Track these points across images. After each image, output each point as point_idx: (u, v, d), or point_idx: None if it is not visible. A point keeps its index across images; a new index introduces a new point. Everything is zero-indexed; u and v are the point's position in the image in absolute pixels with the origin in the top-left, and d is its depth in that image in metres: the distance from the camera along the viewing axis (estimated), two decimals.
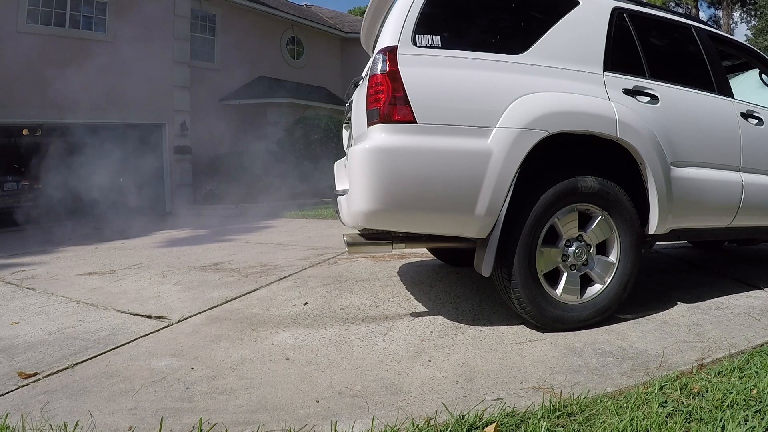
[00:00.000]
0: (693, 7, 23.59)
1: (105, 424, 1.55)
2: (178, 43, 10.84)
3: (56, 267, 4.37)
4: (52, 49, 9.04)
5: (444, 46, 2.13)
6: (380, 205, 2.02)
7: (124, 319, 2.68)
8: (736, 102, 2.76)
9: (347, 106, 3.05)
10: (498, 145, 2.05)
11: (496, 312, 2.57)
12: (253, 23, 12.84)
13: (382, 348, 2.14)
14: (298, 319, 2.58)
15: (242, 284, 3.38)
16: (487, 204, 2.06)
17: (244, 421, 1.55)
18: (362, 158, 2.02)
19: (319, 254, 4.47)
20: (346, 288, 3.18)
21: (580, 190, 2.22)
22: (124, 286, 3.48)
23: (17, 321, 2.70)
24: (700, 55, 2.74)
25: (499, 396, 1.67)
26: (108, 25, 9.85)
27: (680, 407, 1.52)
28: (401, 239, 2.27)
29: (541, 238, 2.21)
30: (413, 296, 2.93)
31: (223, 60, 12.39)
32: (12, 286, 3.63)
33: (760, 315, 2.44)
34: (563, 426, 1.45)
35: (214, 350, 2.17)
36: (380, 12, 2.63)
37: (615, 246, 2.35)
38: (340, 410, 1.61)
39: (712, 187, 2.56)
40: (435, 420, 1.50)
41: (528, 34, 2.28)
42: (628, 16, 2.51)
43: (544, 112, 2.12)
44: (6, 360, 2.13)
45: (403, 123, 2.00)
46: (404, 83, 2.01)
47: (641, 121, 2.31)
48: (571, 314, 2.27)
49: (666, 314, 2.48)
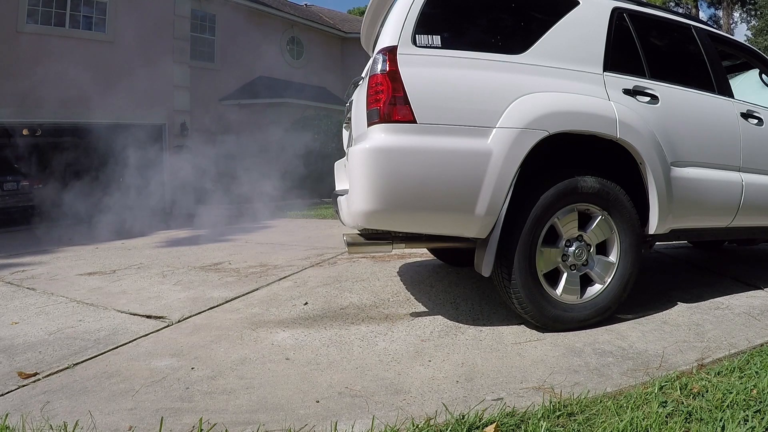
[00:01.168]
0: (693, 7, 23.60)
1: (105, 424, 1.55)
2: (178, 43, 10.84)
3: (56, 267, 4.37)
4: (52, 49, 9.04)
5: (444, 46, 2.13)
6: (380, 205, 2.02)
7: (124, 319, 2.68)
8: (736, 102, 2.76)
9: (347, 106, 3.05)
10: (498, 145, 2.05)
11: (496, 312, 2.57)
12: (253, 23, 12.84)
13: (382, 348, 2.14)
14: (298, 319, 2.58)
15: (242, 284, 3.38)
16: (487, 204, 2.05)
17: (244, 421, 1.55)
18: (362, 158, 2.02)
19: (319, 254, 4.47)
20: (346, 288, 3.18)
21: (580, 190, 2.22)
22: (124, 286, 3.48)
23: (17, 321, 2.70)
24: (700, 55, 2.74)
25: (499, 396, 1.67)
26: (108, 25, 9.86)
27: (680, 407, 1.52)
28: (401, 239, 2.27)
29: (541, 238, 2.21)
30: (413, 296, 2.93)
31: (223, 60, 12.39)
32: (12, 286, 3.63)
33: (760, 315, 2.44)
34: (563, 426, 1.45)
35: (214, 350, 2.17)
36: (380, 12, 2.63)
37: (615, 246, 2.35)
38: (340, 410, 1.61)
39: (712, 187, 2.56)
40: (435, 420, 1.50)
41: (528, 34, 2.28)
42: (628, 16, 2.51)
43: (544, 112, 2.12)
44: (6, 360, 2.13)
45: (403, 123, 2.00)
46: (404, 83, 2.01)
47: (641, 121, 2.31)
48: (571, 314, 2.27)
49: (666, 314, 2.48)
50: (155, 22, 10.12)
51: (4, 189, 9.22)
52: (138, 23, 9.77)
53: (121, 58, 9.51)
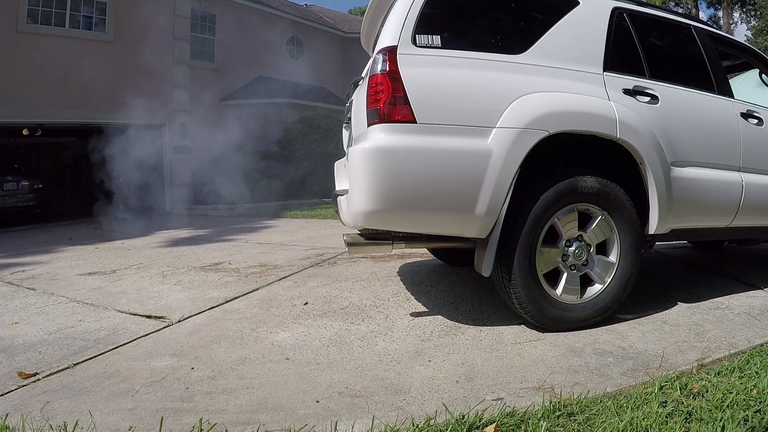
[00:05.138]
0: (693, 7, 23.58)
1: (105, 424, 1.55)
2: (178, 43, 10.84)
3: (56, 267, 4.37)
4: (52, 49, 9.04)
5: (444, 46, 2.13)
6: (380, 205, 2.02)
7: (124, 319, 2.68)
8: (736, 102, 2.76)
9: (347, 106, 3.05)
10: (498, 145, 2.05)
11: (496, 312, 2.57)
12: (253, 23, 12.84)
13: (382, 348, 2.14)
14: (298, 319, 2.58)
15: (242, 284, 3.38)
16: (487, 204, 2.05)
17: (244, 421, 1.55)
18: (362, 158, 2.02)
19: (319, 254, 4.47)
20: (346, 288, 3.18)
21: (580, 190, 2.22)
22: (124, 286, 3.48)
23: (17, 321, 2.70)
24: (700, 55, 2.74)
25: (499, 396, 1.67)
26: (108, 25, 9.86)
27: (680, 407, 1.52)
28: (401, 239, 2.27)
29: (541, 238, 2.21)
30: (413, 296, 2.93)
31: (223, 60, 12.40)
32: (12, 286, 3.63)
33: (760, 315, 2.44)
34: (563, 426, 1.45)
35: (214, 350, 2.17)
36: (380, 12, 2.63)
37: (615, 246, 2.35)
38: (340, 410, 1.61)
39: (712, 187, 2.56)
40: (435, 420, 1.50)
41: (528, 34, 2.28)
42: (628, 16, 2.51)
43: (544, 112, 2.12)
44: (6, 360, 2.13)
45: (403, 123, 2.00)
46: (404, 83, 2.01)
47: (641, 121, 2.31)
48: (571, 314, 2.27)
49: (666, 314, 2.48)
50: (155, 22, 10.11)
51: (4, 189, 9.22)
52: (138, 23, 9.78)
53: (121, 58, 9.51)
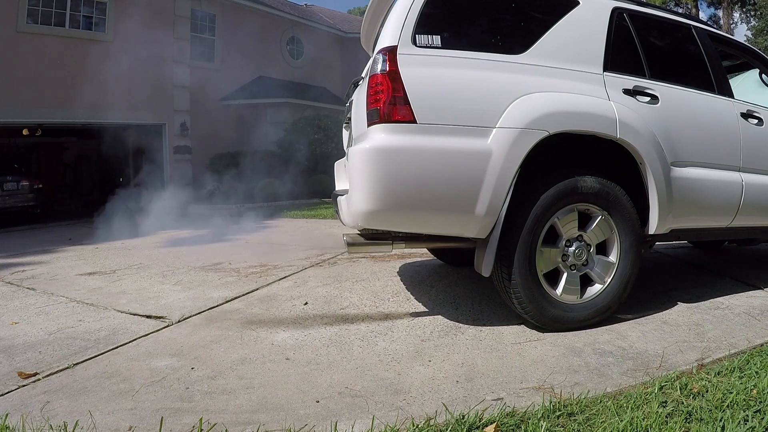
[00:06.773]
0: (693, 7, 23.58)
1: (105, 424, 1.55)
2: (178, 43, 10.85)
3: (56, 267, 4.37)
4: (52, 49, 9.04)
5: (444, 46, 2.13)
6: (380, 205, 2.02)
7: (124, 319, 2.68)
8: (736, 102, 2.76)
9: (347, 106, 3.05)
10: (498, 145, 2.05)
11: (496, 312, 2.57)
12: (253, 23, 12.84)
13: (382, 348, 2.14)
14: (298, 319, 2.58)
15: (242, 284, 3.38)
16: (487, 204, 2.05)
17: (244, 421, 1.55)
18: (362, 158, 2.02)
19: (319, 254, 4.47)
20: (346, 288, 3.18)
21: (580, 190, 2.22)
22: (124, 286, 3.48)
23: (17, 321, 2.70)
24: (700, 55, 2.74)
25: (499, 396, 1.67)
26: (108, 25, 9.86)
27: (680, 407, 1.52)
28: (401, 239, 2.27)
29: (541, 238, 2.21)
30: (413, 296, 2.93)
31: (223, 60, 12.39)
32: (12, 286, 3.63)
33: (760, 315, 2.44)
34: (563, 426, 1.45)
35: (214, 350, 2.17)
36: (380, 12, 2.63)
37: (615, 246, 2.35)
38: (340, 410, 1.61)
39: (712, 187, 2.56)
40: (435, 420, 1.50)
41: (528, 34, 2.28)
42: (628, 16, 2.51)
43: (544, 112, 2.12)
44: (6, 360, 2.13)
45: (403, 123, 2.00)
46: (404, 83, 2.01)
47: (641, 121, 2.31)
48: (571, 314, 2.27)
49: (666, 314, 2.48)
50: (155, 22, 10.12)
51: (4, 189, 9.23)
52: (138, 23, 9.77)
53: (120, 58, 9.51)
